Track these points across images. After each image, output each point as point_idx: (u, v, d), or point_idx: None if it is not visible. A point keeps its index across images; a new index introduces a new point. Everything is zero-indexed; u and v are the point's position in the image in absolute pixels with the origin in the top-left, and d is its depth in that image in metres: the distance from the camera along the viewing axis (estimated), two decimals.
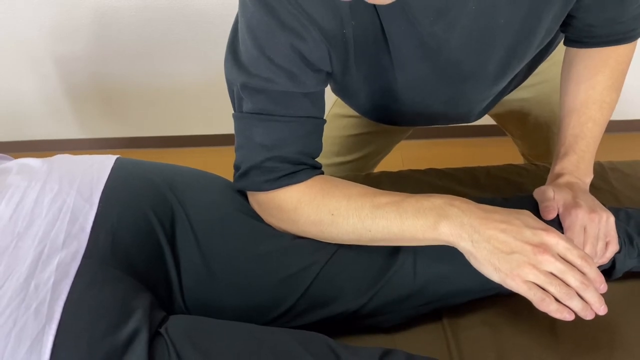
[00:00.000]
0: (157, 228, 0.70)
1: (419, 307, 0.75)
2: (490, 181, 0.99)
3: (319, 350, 0.63)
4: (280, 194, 0.71)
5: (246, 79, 0.67)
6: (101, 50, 1.91)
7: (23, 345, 0.54)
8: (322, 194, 0.70)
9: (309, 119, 0.70)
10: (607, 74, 0.81)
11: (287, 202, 0.71)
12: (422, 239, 0.66)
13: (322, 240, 0.72)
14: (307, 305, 0.72)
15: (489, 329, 0.76)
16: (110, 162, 0.74)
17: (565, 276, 0.61)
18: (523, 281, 0.61)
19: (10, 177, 0.71)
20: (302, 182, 0.71)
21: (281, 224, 0.73)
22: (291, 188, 0.71)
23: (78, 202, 0.67)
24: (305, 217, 0.70)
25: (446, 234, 0.64)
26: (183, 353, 0.58)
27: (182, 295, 0.71)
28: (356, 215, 0.68)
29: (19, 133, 2.18)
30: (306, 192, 0.71)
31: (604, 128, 0.82)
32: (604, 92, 0.81)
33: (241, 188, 0.74)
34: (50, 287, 0.58)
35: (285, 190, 0.71)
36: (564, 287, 0.61)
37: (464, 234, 0.63)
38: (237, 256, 0.72)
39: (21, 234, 0.63)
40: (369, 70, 0.73)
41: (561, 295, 0.61)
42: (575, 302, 0.62)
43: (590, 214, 0.73)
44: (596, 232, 0.73)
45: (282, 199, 0.71)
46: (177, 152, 2.18)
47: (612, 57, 0.81)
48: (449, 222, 0.64)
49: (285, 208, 0.71)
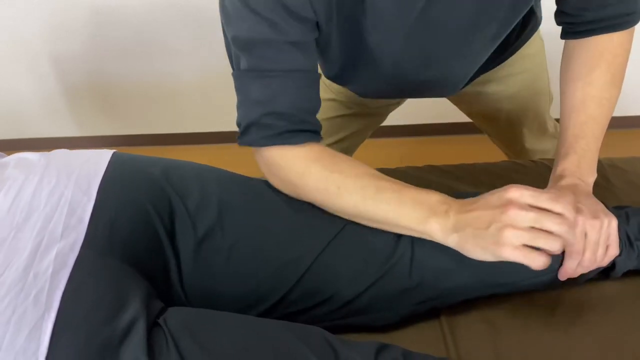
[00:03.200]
0: (155, 219, 0.70)
1: (417, 305, 0.75)
2: (488, 178, 0.99)
3: (317, 344, 0.63)
4: (285, 154, 0.74)
5: (234, 32, 0.71)
6: (99, 49, 1.91)
7: (22, 332, 0.54)
8: (331, 166, 0.73)
9: (300, 72, 0.72)
10: (604, 68, 0.80)
11: (294, 165, 0.73)
12: (415, 230, 0.68)
13: (322, 207, 0.74)
14: (304, 292, 0.72)
15: (486, 326, 0.77)
16: (108, 155, 0.75)
17: (542, 223, 0.61)
18: (513, 248, 0.61)
19: (8, 171, 0.71)
20: (302, 146, 0.74)
21: (284, 185, 0.75)
22: (295, 150, 0.73)
23: (76, 194, 0.67)
24: (312, 184, 0.73)
25: (434, 229, 0.66)
26: (181, 344, 0.58)
27: (182, 285, 0.71)
28: (360, 194, 0.70)
29: (16, 132, 2.18)
30: (314, 159, 0.73)
31: (605, 125, 0.81)
32: (603, 88, 0.80)
33: (243, 144, 0.76)
34: (49, 277, 0.58)
35: (289, 151, 0.73)
36: (550, 238, 0.61)
37: (450, 229, 0.65)
38: (235, 244, 0.72)
39: (20, 225, 0.63)
40: (345, 22, 0.74)
41: (551, 246, 0.61)
42: (559, 245, 0.62)
43: (592, 219, 0.72)
44: (597, 238, 0.72)
45: (289, 159, 0.74)
46: (175, 150, 2.18)
47: (608, 49, 0.80)
48: (438, 219, 0.66)
49: (292, 170, 0.73)
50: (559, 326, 0.76)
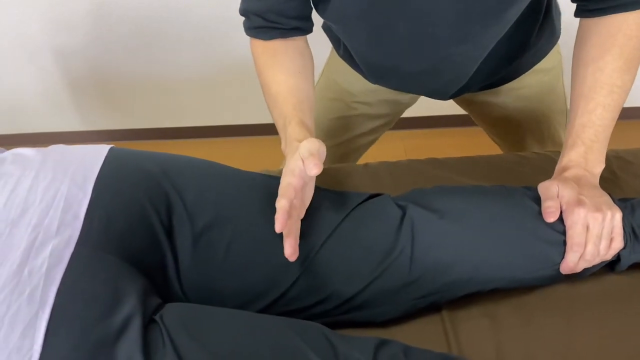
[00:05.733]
0: (152, 214, 0.69)
1: (417, 299, 0.75)
2: (490, 170, 0.98)
3: (315, 339, 0.62)
4: (255, 45, 0.89)
5: None
6: (100, 42, 1.91)
7: (16, 330, 0.54)
8: (265, 69, 0.87)
9: None
10: (616, 53, 0.76)
11: (254, 55, 0.89)
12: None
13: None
14: (302, 289, 0.72)
15: (488, 321, 0.76)
16: (104, 151, 0.74)
17: None
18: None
19: (5, 167, 0.71)
20: (267, 41, 0.86)
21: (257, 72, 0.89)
22: (261, 44, 0.87)
23: (72, 190, 0.67)
24: (260, 76, 0.88)
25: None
26: (178, 341, 0.57)
27: (179, 281, 0.71)
28: (271, 108, 0.85)
29: (18, 126, 2.19)
30: (261, 55, 0.88)
31: (616, 114, 0.78)
32: (614, 74, 0.76)
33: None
34: (43, 273, 0.57)
35: (257, 44, 0.88)
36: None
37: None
38: (233, 239, 0.71)
39: (15, 221, 0.63)
40: None
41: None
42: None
43: (594, 212, 0.71)
44: (599, 231, 0.71)
45: (255, 48, 0.89)
46: (177, 144, 2.18)
47: (622, 30, 0.76)
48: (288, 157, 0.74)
49: (254, 59, 0.89)
50: (561, 320, 0.75)
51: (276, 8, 0.83)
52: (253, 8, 0.85)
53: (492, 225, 0.74)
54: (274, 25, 0.85)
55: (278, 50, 0.87)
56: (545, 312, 0.76)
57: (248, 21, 0.87)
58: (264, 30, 0.86)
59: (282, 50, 0.87)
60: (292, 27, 0.86)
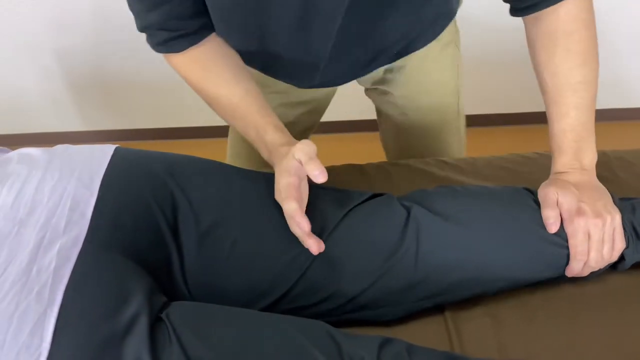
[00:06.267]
0: (158, 214, 0.70)
1: (421, 300, 0.75)
2: (491, 171, 0.98)
3: (319, 337, 0.63)
4: (171, 61, 0.83)
5: None
6: (102, 42, 1.91)
7: (25, 327, 0.54)
8: (200, 81, 0.83)
9: None
10: (561, 53, 0.74)
11: (180, 71, 0.84)
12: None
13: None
14: (307, 288, 0.72)
15: (490, 320, 0.76)
16: (110, 151, 0.75)
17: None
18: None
19: (11, 166, 0.71)
20: (183, 53, 0.81)
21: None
22: (177, 58, 0.82)
23: (78, 189, 0.67)
24: (201, 93, 0.84)
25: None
26: (184, 338, 0.58)
27: (185, 279, 0.71)
28: (232, 120, 0.84)
29: (20, 126, 2.18)
30: (189, 69, 0.83)
31: (592, 106, 0.76)
32: (570, 73, 0.75)
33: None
34: (51, 272, 0.58)
35: (173, 58, 0.82)
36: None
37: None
38: (238, 238, 0.72)
39: (23, 220, 0.63)
40: None
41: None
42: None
43: (594, 218, 0.71)
44: (600, 236, 0.71)
45: (175, 65, 0.83)
46: (180, 144, 2.18)
47: (558, 28, 0.74)
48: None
49: (182, 75, 0.84)
50: (563, 320, 0.76)
51: (175, 13, 0.77)
52: (152, 21, 0.78)
53: (497, 227, 0.74)
54: (179, 33, 0.79)
55: (204, 62, 0.83)
56: (548, 312, 0.76)
57: (152, 37, 0.81)
58: (173, 42, 0.80)
59: (206, 59, 0.83)
60: (197, 28, 0.80)
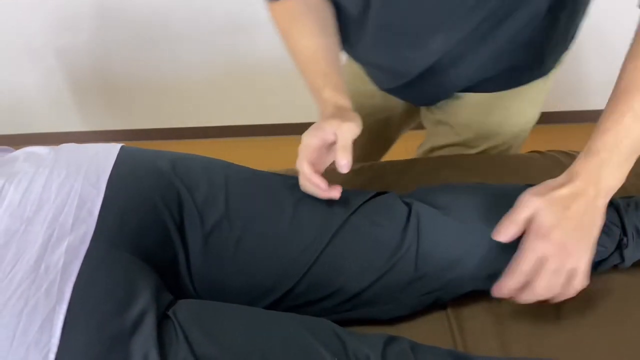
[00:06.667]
0: (164, 212, 0.70)
1: (422, 296, 0.75)
2: (495, 170, 0.98)
3: (325, 335, 0.63)
4: (272, 8, 0.88)
5: None
6: (105, 43, 1.92)
7: (34, 324, 0.54)
8: (287, 30, 0.87)
9: None
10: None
11: (275, 19, 0.88)
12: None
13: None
14: (310, 285, 0.73)
15: (493, 318, 0.77)
16: (116, 149, 0.75)
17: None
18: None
19: (18, 164, 0.72)
20: (281, 2, 0.86)
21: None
22: (277, 6, 0.87)
23: (85, 187, 0.68)
24: (286, 43, 0.88)
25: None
26: (191, 336, 0.58)
27: (190, 277, 0.72)
28: (302, 72, 0.86)
29: (23, 126, 2.19)
30: (281, 18, 0.88)
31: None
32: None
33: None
34: (60, 269, 0.58)
35: (275, 6, 0.87)
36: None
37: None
38: (243, 236, 0.72)
39: (30, 218, 0.64)
40: None
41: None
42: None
43: (556, 249, 0.63)
44: (557, 267, 0.64)
45: (274, 12, 0.88)
46: (182, 144, 2.18)
47: None
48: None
49: (275, 23, 0.89)
50: (565, 318, 0.76)
51: None
52: None
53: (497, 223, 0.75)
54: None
55: (296, 12, 0.86)
56: (550, 310, 0.76)
57: None
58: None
59: (299, 11, 0.86)
60: None
